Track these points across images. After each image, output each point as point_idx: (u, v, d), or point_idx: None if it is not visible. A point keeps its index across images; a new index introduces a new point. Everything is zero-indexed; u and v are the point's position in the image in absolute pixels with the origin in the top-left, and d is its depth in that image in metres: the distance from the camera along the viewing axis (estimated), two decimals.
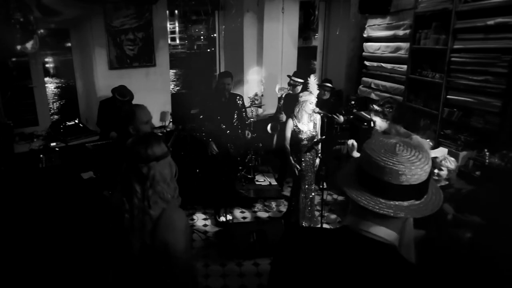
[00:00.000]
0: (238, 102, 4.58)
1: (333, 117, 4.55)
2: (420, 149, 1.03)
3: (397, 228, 1.06)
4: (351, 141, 3.49)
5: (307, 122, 3.95)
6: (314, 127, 4.01)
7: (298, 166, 4.02)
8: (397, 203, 1.01)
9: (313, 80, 3.93)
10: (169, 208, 1.68)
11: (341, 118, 4.70)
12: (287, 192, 5.03)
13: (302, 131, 3.94)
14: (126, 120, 2.66)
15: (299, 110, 3.91)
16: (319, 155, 4.09)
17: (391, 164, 0.99)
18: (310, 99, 3.86)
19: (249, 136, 4.73)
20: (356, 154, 3.54)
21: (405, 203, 1.02)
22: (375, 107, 3.12)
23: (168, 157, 1.73)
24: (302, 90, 4.54)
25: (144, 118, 2.64)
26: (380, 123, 3.11)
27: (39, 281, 3.14)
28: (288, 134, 3.99)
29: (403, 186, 1.00)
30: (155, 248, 1.63)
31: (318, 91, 3.96)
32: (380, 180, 1.01)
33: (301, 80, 4.77)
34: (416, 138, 2.96)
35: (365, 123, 5.26)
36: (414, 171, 0.99)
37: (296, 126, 3.93)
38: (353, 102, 6.16)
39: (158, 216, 1.65)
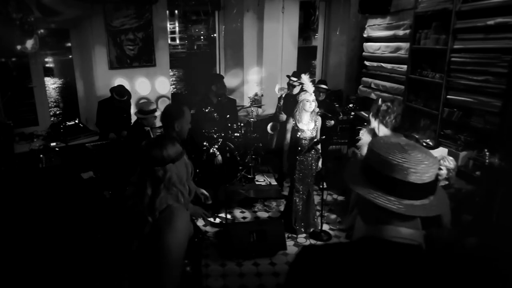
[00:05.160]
0: (232, 104, 4.66)
1: (326, 119, 4.62)
2: (426, 151, 1.06)
3: (417, 225, 1.07)
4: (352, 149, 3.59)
5: (308, 122, 3.95)
6: (314, 127, 4.01)
7: (286, 167, 4.07)
8: (409, 202, 1.02)
9: (306, 78, 3.96)
10: (174, 206, 1.63)
11: (332, 123, 4.78)
12: (287, 192, 5.03)
13: (302, 131, 3.94)
14: (174, 116, 2.65)
15: (298, 110, 3.92)
16: (319, 155, 4.09)
17: (401, 161, 1.01)
18: (306, 97, 3.86)
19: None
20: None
21: (417, 202, 1.03)
22: (379, 116, 2.98)
23: (183, 157, 1.68)
24: (300, 90, 4.58)
25: (189, 118, 2.69)
26: (384, 131, 2.98)
27: (39, 281, 3.14)
28: (288, 134, 3.99)
29: (414, 184, 1.01)
30: (149, 242, 1.57)
31: (313, 88, 3.97)
32: (392, 178, 1.02)
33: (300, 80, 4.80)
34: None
35: (365, 123, 5.27)
36: (425, 169, 1.02)
37: (296, 125, 3.94)
38: (351, 105, 6.13)
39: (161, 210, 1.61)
